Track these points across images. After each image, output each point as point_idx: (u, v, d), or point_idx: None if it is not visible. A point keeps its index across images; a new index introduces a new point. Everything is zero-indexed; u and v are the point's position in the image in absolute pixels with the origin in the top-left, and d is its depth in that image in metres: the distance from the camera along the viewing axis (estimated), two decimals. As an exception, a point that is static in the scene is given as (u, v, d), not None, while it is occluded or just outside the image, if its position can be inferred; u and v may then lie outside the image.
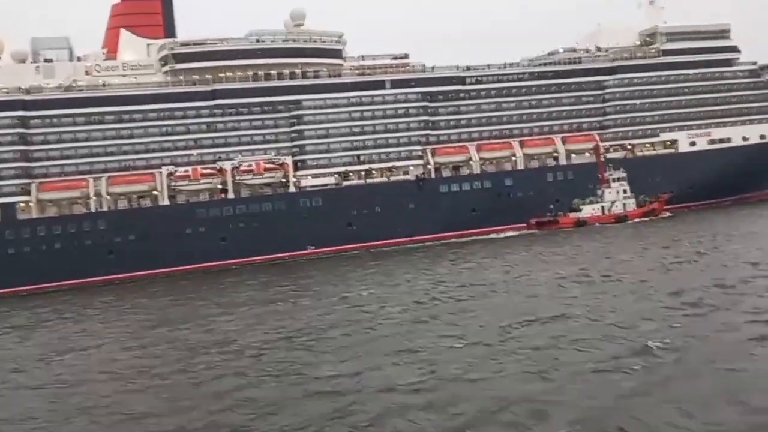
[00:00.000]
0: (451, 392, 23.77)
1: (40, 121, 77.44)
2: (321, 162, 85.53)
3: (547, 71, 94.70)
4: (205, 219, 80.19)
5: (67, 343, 40.43)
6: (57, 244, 75.10)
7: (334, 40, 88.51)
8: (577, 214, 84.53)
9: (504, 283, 46.38)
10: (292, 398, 24.85)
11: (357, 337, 33.71)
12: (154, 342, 37.98)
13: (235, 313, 44.23)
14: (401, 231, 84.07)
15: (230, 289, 58.77)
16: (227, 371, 29.52)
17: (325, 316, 39.89)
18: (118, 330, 43.66)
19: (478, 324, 33.88)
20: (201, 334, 38.87)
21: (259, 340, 35.14)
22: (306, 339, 34.45)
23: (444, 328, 33.81)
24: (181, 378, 29.55)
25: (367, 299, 44.77)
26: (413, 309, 39.73)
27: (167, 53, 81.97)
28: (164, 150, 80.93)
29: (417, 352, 29.47)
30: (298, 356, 30.98)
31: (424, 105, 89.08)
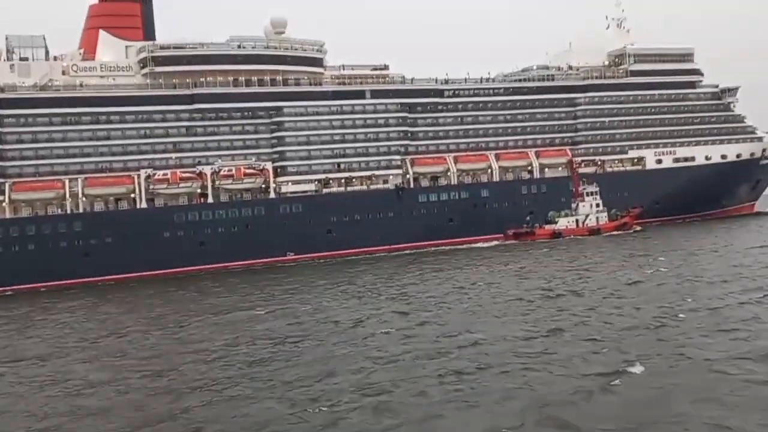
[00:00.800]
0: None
1: (14, 120, 75.22)
2: (301, 169, 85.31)
3: (521, 87, 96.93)
4: (184, 223, 78.93)
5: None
6: (30, 246, 72.72)
7: (316, 48, 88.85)
8: (553, 226, 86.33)
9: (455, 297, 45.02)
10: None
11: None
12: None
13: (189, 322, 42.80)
14: (380, 239, 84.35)
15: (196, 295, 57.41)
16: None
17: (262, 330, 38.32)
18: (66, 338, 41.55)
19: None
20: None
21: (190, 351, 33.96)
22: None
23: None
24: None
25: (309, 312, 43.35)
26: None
27: (146, 56, 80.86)
28: (142, 153, 79.54)
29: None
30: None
31: (404, 116, 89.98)
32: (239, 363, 30.65)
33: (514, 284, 48.59)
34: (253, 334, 36.94)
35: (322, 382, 26.44)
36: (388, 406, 23.02)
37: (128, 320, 45.91)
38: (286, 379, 27.31)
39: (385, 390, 24.77)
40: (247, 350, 33.32)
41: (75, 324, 46.55)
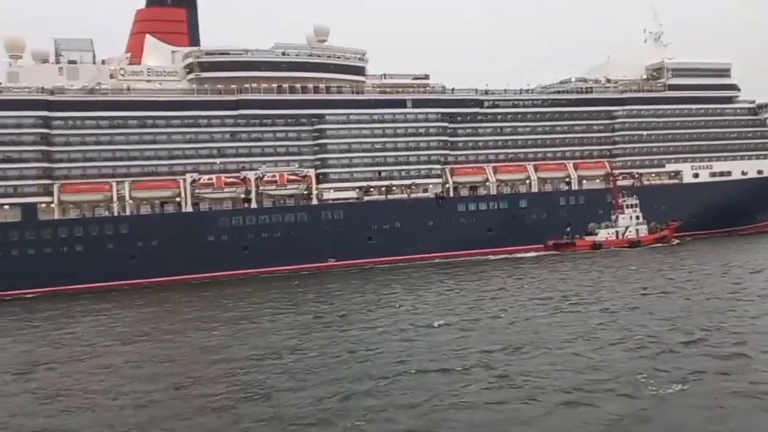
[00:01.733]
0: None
1: (63, 122, 75.82)
2: (343, 176, 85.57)
3: (560, 99, 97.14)
4: (228, 227, 79.18)
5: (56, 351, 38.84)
6: (78, 247, 73.11)
7: (358, 57, 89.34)
8: (593, 238, 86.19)
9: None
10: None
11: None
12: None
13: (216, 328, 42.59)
14: (419, 247, 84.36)
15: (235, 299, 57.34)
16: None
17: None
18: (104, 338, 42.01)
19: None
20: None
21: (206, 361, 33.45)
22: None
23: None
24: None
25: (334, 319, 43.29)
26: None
27: (193, 61, 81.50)
28: (187, 157, 79.96)
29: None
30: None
31: (444, 125, 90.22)
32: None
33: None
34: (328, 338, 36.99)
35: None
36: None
37: (181, 321, 46.21)
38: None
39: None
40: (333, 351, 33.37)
41: (119, 325, 46.95)
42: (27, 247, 71.61)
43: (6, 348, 40.50)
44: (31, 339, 43.18)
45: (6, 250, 70.93)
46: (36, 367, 34.19)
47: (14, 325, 50.15)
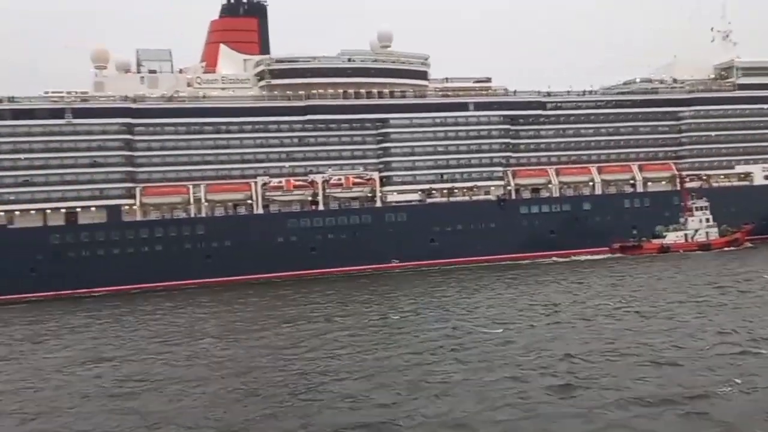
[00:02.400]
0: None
1: (144, 129, 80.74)
2: (406, 179, 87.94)
3: (624, 100, 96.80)
4: (296, 229, 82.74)
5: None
6: (158, 246, 77.99)
7: (420, 61, 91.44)
8: (661, 241, 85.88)
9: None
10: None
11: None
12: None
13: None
14: (481, 249, 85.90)
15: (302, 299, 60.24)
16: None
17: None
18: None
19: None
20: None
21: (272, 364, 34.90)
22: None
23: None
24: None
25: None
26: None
27: (264, 69, 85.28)
28: (258, 161, 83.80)
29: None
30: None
31: (506, 128, 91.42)
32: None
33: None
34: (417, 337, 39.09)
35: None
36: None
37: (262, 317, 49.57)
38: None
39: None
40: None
41: (201, 321, 50.62)
42: (112, 247, 76.85)
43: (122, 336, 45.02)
44: (147, 328, 48.70)
45: (93, 249, 76.35)
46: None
47: (130, 317, 55.08)
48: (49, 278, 73.47)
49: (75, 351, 41.37)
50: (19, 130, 75.97)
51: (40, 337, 47.51)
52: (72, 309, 62.32)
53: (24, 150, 76.13)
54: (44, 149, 76.74)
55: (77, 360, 38.56)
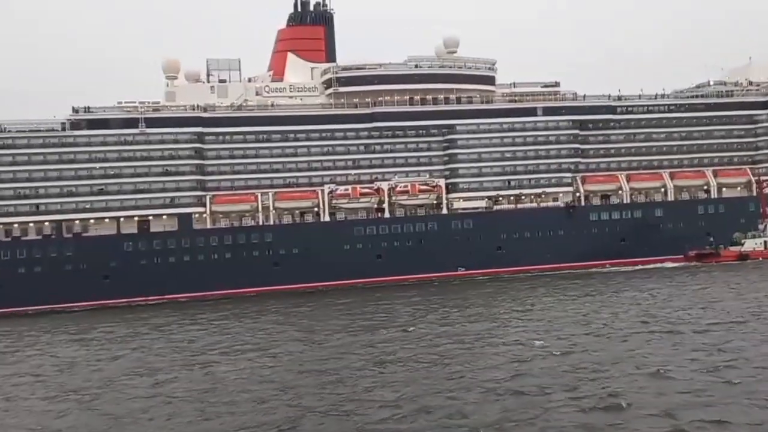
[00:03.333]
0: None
1: (214, 138, 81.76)
2: (473, 185, 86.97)
3: (697, 103, 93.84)
4: (363, 236, 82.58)
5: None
6: (227, 254, 78.81)
7: (487, 67, 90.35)
8: (739, 248, 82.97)
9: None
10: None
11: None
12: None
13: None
14: (550, 257, 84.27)
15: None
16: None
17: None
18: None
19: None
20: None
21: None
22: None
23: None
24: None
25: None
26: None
27: (331, 76, 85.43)
28: (325, 169, 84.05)
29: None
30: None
31: (575, 133, 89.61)
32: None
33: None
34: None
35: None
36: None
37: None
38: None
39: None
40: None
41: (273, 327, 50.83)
42: (183, 254, 78.01)
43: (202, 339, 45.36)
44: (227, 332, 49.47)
45: (165, 257, 77.62)
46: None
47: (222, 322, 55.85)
48: (123, 285, 74.95)
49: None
50: (95, 140, 77.81)
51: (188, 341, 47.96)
52: (158, 314, 63.28)
53: (99, 159, 77.91)
54: (118, 158, 78.41)
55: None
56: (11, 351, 47.75)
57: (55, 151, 76.71)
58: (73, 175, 77.10)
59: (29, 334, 55.72)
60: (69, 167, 76.94)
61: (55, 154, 76.66)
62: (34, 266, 74.51)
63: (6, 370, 40.76)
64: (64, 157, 76.93)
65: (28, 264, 74.52)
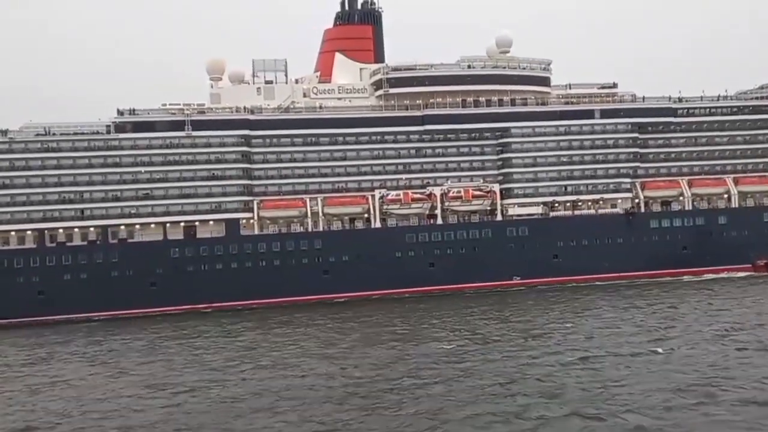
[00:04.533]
0: None
1: (261, 141, 79.24)
2: (528, 191, 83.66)
3: (763, 105, 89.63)
4: (415, 243, 79.55)
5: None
6: (276, 261, 76.17)
7: (542, 67, 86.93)
8: None
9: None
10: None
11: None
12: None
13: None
14: (608, 266, 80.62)
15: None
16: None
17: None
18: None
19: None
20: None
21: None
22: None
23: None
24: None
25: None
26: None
27: (381, 77, 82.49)
28: (375, 173, 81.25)
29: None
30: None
31: (634, 136, 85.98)
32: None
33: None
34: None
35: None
36: None
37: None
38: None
39: None
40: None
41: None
42: (230, 261, 75.47)
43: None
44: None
45: (212, 263, 75.16)
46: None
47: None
48: (169, 292, 72.67)
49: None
50: (140, 143, 75.59)
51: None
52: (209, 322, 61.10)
53: (144, 163, 75.68)
54: (164, 162, 76.11)
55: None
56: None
57: (100, 155, 74.60)
58: (118, 179, 74.94)
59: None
60: (114, 171, 74.82)
61: (100, 158, 74.57)
62: (79, 273, 72.49)
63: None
64: (109, 160, 74.83)
65: (73, 270, 72.52)
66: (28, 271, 72.01)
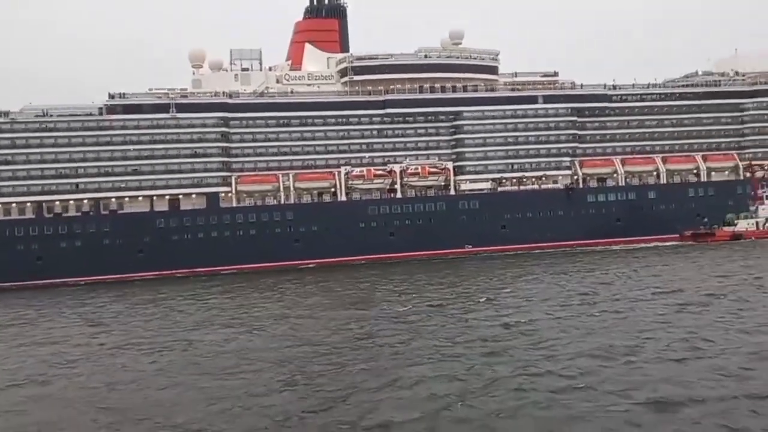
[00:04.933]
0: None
1: (238, 122, 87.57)
2: (478, 168, 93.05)
3: (687, 92, 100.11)
4: (377, 215, 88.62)
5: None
6: (252, 231, 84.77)
7: (491, 57, 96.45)
8: (733, 228, 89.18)
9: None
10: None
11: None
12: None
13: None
14: (550, 235, 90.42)
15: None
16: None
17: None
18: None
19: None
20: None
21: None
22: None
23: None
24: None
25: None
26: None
27: (347, 66, 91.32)
28: (341, 152, 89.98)
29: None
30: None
31: (573, 119, 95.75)
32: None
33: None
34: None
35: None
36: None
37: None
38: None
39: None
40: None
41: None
42: (211, 230, 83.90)
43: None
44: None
45: (194, 233, 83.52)
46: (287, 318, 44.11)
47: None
48: (155, 259, 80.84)
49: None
50: (129, 124, 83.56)
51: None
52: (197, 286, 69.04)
53: (133, 141, 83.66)
54: (150, 141, 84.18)
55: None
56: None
57: (93, 134, 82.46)
58: (109, 156, 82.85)
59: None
60: (106, 149, 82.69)
61: (93, 137, 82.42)
62: (74, 241, 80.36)
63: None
64: (101, 139, 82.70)
65: (68, 239, 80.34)
66: (28, 239, 79.64)
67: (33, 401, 28.21)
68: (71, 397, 28.54)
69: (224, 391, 27.56)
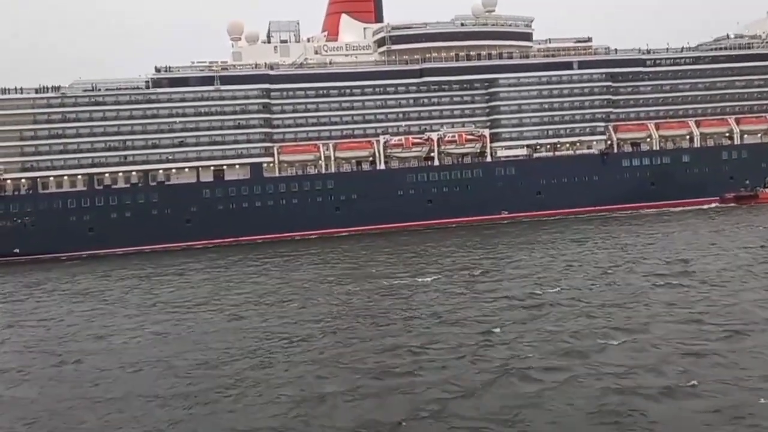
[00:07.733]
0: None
1: (279, 94, 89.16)
2: (514, 135, 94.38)
3: (720, 55, 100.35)
4: (415, 183, 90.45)
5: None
6: (294, 200, 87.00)
7: (525, 24, 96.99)
8: None
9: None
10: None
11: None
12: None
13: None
14: (585, 200, 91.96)
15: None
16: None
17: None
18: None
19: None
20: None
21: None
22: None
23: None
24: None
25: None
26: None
27: (384, 35, 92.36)
28: (379, 121, 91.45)
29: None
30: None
31: (607, 85, 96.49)
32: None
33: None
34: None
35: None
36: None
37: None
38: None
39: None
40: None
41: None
42: (255, 200, 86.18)
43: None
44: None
45: (239, 202, 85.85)
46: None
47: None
48: (202, 228, 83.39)
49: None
50: (175, 97, 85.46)
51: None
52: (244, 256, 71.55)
53: (179, 114, 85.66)
54: (195, 113, 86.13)
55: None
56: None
57: (140, 107, 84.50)
58: (156, 129, 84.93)
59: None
60: (152, 122, 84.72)
61: (140, 110, 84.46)
62: (124, 212, 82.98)
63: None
64: (148, 112, 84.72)
65: (118, 210, 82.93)
66: (80, 210, 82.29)
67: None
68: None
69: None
